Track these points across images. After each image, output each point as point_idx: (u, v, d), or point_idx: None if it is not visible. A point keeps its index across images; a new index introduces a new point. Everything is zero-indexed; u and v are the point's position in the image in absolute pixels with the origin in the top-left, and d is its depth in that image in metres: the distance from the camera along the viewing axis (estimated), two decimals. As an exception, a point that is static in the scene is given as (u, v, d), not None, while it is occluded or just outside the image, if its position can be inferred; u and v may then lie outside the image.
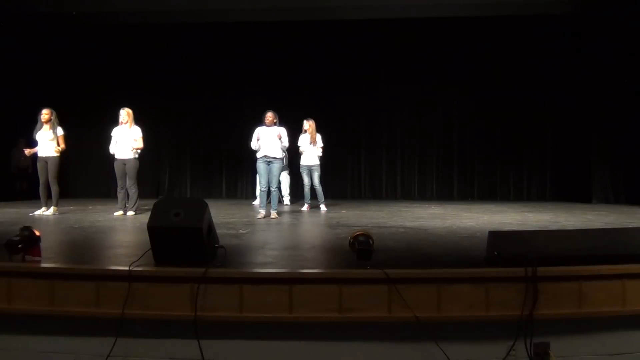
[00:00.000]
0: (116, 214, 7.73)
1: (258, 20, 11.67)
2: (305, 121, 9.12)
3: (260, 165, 7.55)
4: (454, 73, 11.96)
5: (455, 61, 11.83)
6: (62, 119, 8.04)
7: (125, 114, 7.94)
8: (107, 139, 8.03)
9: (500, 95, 11.87)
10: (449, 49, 11.79)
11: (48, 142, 7.73)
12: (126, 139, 7.83)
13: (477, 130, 12.16)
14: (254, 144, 7.57)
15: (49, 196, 7.77)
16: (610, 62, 10.37)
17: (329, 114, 12.25)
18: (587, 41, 10.85)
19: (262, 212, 7.50)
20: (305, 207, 8.94)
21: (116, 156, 7.89)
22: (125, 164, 7.82)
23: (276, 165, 7.54)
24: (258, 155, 7.58)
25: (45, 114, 7.78)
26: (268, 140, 7.52)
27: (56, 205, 7.77)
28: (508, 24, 11.37)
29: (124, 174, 7.83)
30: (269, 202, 7.57)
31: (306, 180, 9.09)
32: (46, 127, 7.77)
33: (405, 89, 12.28)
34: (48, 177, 7.73)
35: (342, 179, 12.51)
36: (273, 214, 7.47)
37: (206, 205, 3.59)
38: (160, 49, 12.27)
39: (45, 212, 7.72)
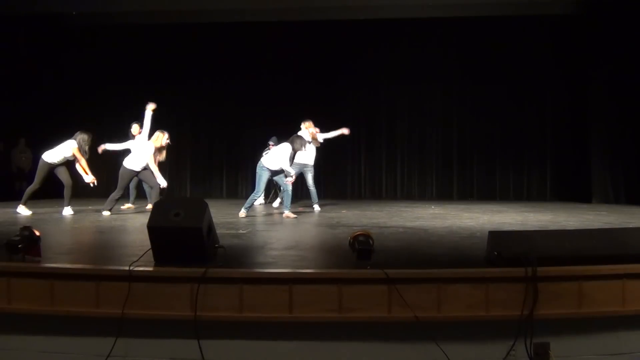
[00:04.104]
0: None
1: (258, 21, 11.67)
2: (302, 123, 9.05)
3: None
4: (454, 73, 11.96)
5: (455, 61, 11.83)
6: (62, 118, 8.08)
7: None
8: (107, 140, 8.09)
9: (500, 95, 11.85)
10: (449, 49, 11.79)
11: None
12: (135, 150, 8.27)
13: (477, 131, 12.14)
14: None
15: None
16: (611, 62, 10.36)
17: (329, 114, 12.21)
18: (587, 41, 10.85)
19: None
20: (278, 203, 8.98)
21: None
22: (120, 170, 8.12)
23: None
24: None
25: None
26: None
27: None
28: (508, 24, 11.37)
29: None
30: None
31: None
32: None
33: (405, 89, 12.27)
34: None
35: (342, 179, 12.50)
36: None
37: (206, 205, 3.60)
38: (160, 49, 12.25)
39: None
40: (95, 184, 7.99)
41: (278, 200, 9.80)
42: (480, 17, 11.24)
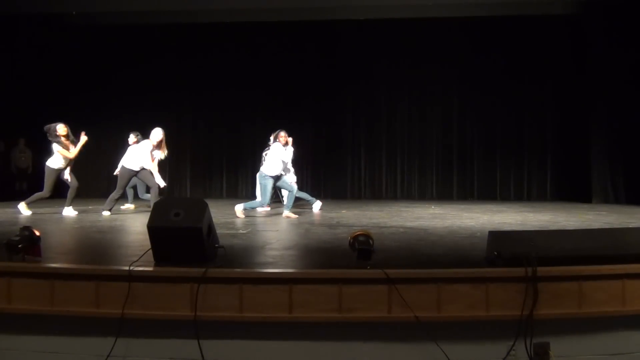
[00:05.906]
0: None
1: (258, 21, 11.66)
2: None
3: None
4: (453, 73, 11.96)
5: (455, 61, 11.82)
6: (61, 119, 8.12)
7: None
8: (107, 139, 8.09)
9: (500, 95, 11.85)
10: (449, 49, 11.77)
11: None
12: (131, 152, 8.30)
13: (477, 130, 12.15)
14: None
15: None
16: (610, 62, 10.36)
17: (329, 114, 12.28)
18: (587, 41, 10.85)
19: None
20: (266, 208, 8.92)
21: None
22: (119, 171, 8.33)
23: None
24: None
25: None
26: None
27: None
28: (508, 24, 11.36)
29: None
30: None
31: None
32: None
33: (405, 89, 12.28)
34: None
35: (342, 179, 12.50)
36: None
37: (206, 205, 3.60)
38: (160, 49, 12.25)
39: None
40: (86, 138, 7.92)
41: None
42: (480, 17, 11.24)
